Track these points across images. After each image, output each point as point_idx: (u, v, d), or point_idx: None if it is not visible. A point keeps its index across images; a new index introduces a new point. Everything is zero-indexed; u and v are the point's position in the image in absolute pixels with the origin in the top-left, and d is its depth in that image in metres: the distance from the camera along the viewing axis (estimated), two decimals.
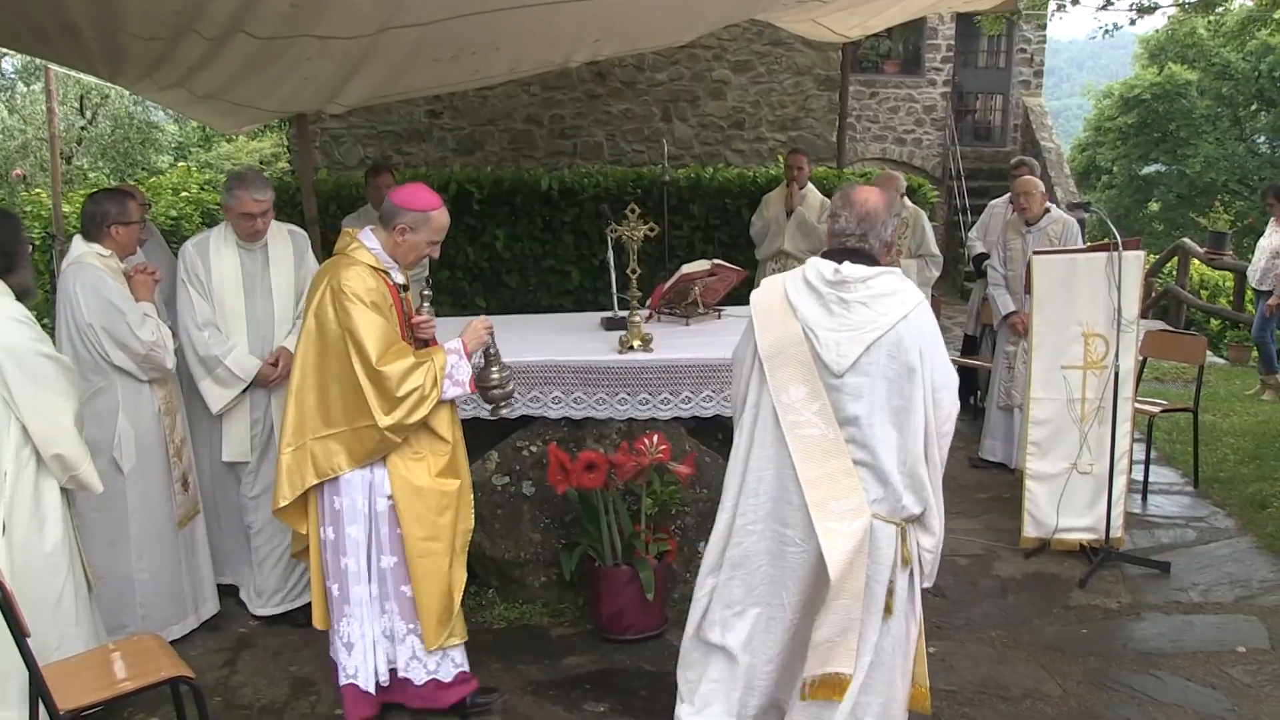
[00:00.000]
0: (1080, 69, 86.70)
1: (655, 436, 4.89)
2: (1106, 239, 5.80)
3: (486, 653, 4.86)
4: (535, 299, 10.15)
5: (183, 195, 12.02)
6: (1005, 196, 8.09)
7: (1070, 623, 5.27)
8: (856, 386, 3.32)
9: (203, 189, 12.78)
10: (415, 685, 4.27)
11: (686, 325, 5.94)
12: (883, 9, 8.07)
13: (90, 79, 15.26)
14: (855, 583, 3.30)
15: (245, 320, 5.09)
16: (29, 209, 11.16)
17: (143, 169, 21.57)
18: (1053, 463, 6.02)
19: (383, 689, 4.26)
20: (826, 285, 3.39)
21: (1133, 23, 17.36)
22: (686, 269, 5.97)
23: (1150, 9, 15.10)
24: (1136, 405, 6.26)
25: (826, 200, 8.32)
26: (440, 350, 4.14)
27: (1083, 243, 6.99)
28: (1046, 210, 7.08)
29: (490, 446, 5.35)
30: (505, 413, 4.46)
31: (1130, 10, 15.68)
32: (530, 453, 5.28)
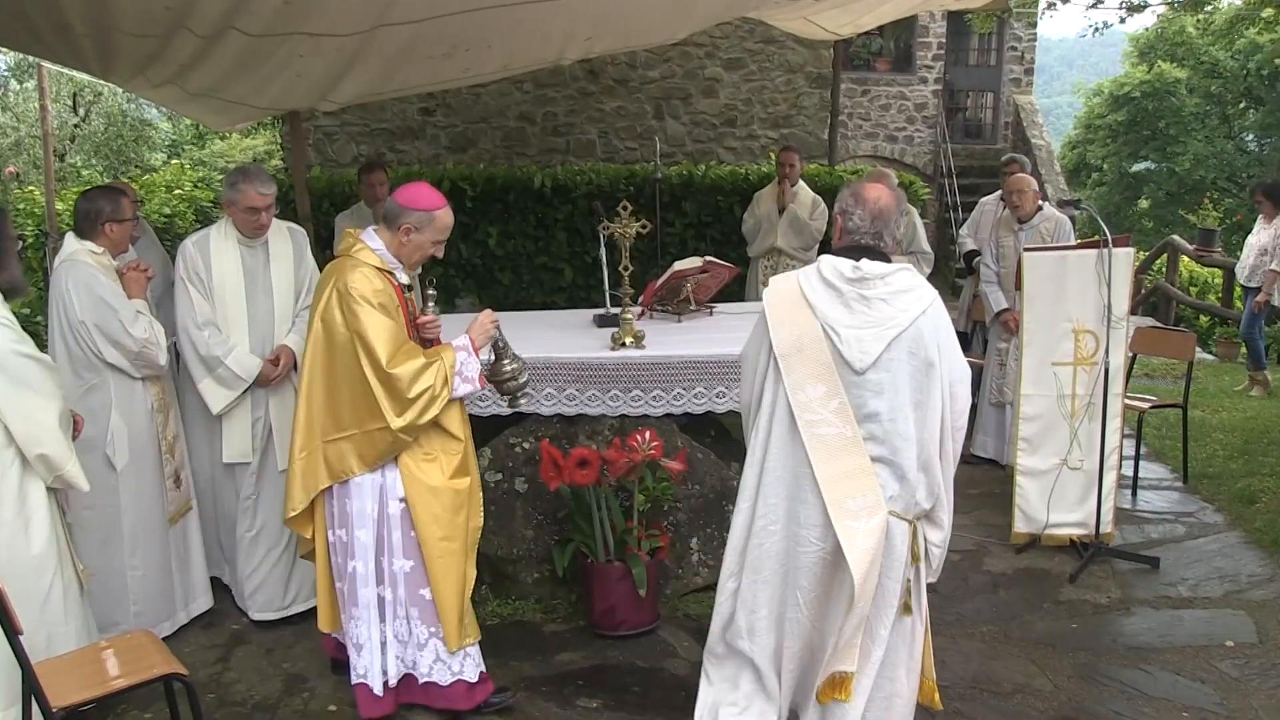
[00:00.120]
0: (1071, 67, 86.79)
1: (647, 433, 4.90)
2: (1097, 236, 5.82)
3: (480, 649, 4.85)
4: (528, 296, 10.16)
5: (176, 193, 11.99)
6: (996, 194, 8.10)
7: (1060, 618, 5.29)
8: (878, 383, 3.31)
9: (196, 186, 12.75)
10: (441, 687, 4.23)
11: (679, 322, 5.95)
12: (874, 6, 8.10)
13: (83, 76, 15.26)
14: (871, 583, 3.30)
15: (246, 319, 5.04)
16: (22, 206, 11.12)
17: (136, 166, 21.46)
18: (1043, 459, 6.04)
19: (395, 689, 4.24)
20: (846, 283, 3.35)
21: (1122, 21, 17.34)
22: (679, 266, 5.98)
23: (1140, 7, 15.14)
24: (1126, 401, 6.28)
25: (818, 198, 8.36)
26: (449, 348, 4.11)
27: (1074, 240, 7.01)
28: (1039, 208, 7.08)
29: (483, 443, 5.34)
30: (523, 404, 4.45)
31: (1120, 8, 15.72)
32: (523, 449, 5.29)
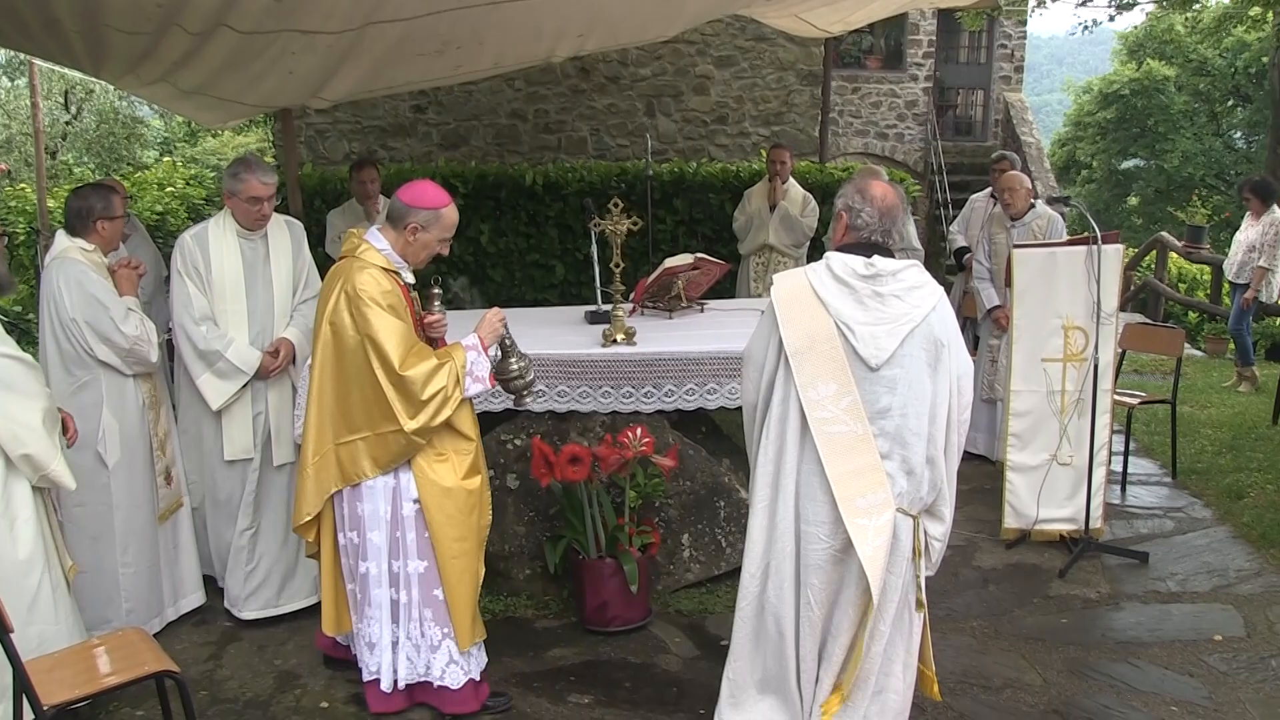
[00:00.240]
0: (1060, 65, 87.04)
1: (639, 429, 4.91)
2: (1086, 233, 5.83)
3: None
4: (520, 293, 10.16)
5: (168, 190, 12.00)
6: (986, 190, 8.12)
7: (1050, 613, 5.31)
8: (891, 379, 3.31)
9: (188, 184, 12.76)
10: (452, 691, 4.22)
11: (669, 319, 5.95)
12: (864, 4, 8.10)
13: (75, 74, 15.22)
14: (883, 581, 3.31)
15: (246, 312, 4.96)
16: (13, 204, 11.13)
17: (128, 164, 21.46)
18: (1033, 454, 6.06)
19: (406, 688, 4.24)
20: (860, 279, 3.34)
21: (1112, 19, 17.48)
22: (670, 263, 5.99)
23: (1129, 5, 15.22)
24: (1115, 397, 6.29)
25: (808, 195, 8.37)
26: (459, 348, 4.07)
27: (1065, 238, 7.01)
28: (1032, 206, 7.08)
29: None
30: (529, 402, 4.42)
31: (1109, 6, 15.80)
32: (514, 446, 5.30)
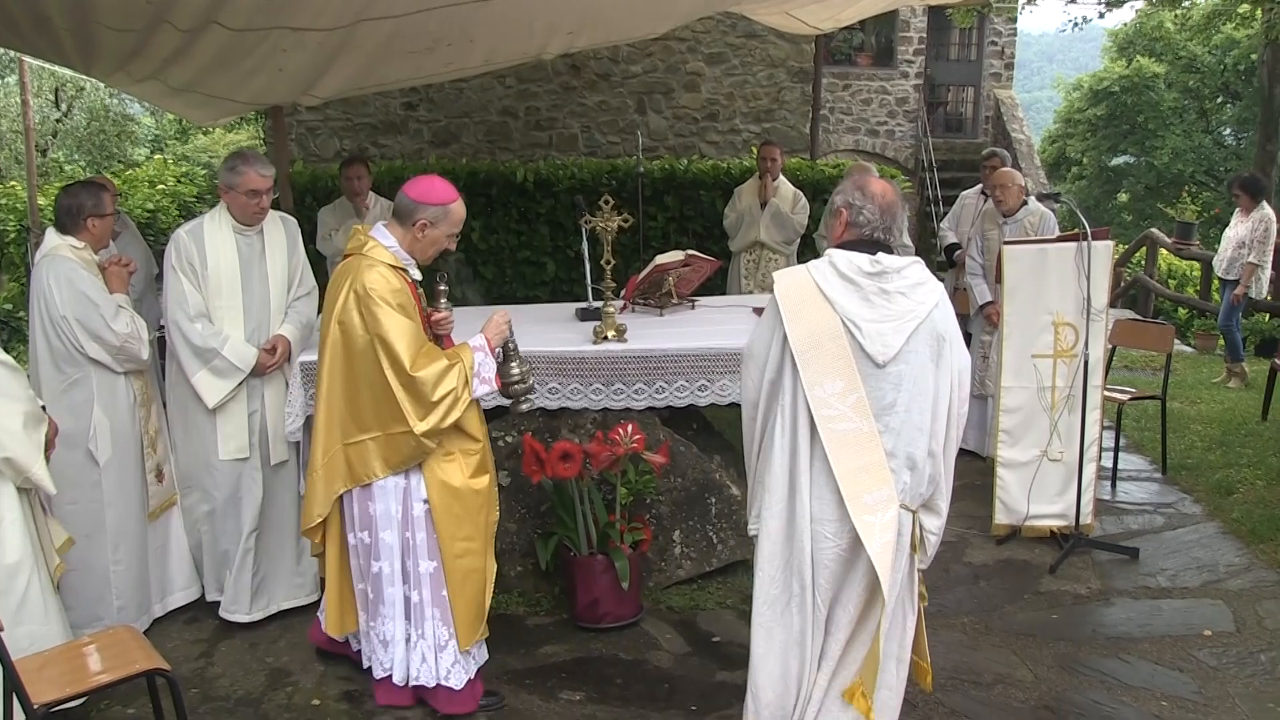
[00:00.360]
0: (1050, 62, 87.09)
1: (630, 426, 4.92)
2: (1076, 229, 5.85)
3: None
4: (511, 290, 10.14)
5: (159, 188, 11.98)
6: (977, 187, 8.14)
7: (1041, 608, 5.33)
8: (897, 375, 3.31)
9: (179, 181, 12.74)
10: (454, 692, 4.21)
11: (660, 316, 5.95)
12: (854, 1, 8.11)
13: (65, 71, 15.18)
14: (892, 576, 3.32)
15: (242, 308, 4.90)
16: (4, 202, 11.10)
17: (119, 161, 21.43)
18: (1023, 450, 6.07)
19: (414, 686, 4.24)
20: (865, 277, 3.33)
21: (1101, 16, 17.47)
22: (660, 260, 5.99)
23: (1119, 2, 15.25)
24: (1106, 393, 6.32)
25: (798, 192, 8.38)
26: (466, 348, 4.05)
27: (1057, 234, 7.02)
28: (1024, 202, 7.08)
29: None
30: (525, 408, 4.40)
31: (1099, 3, 15.82)
32: (505, 443, 5.29)
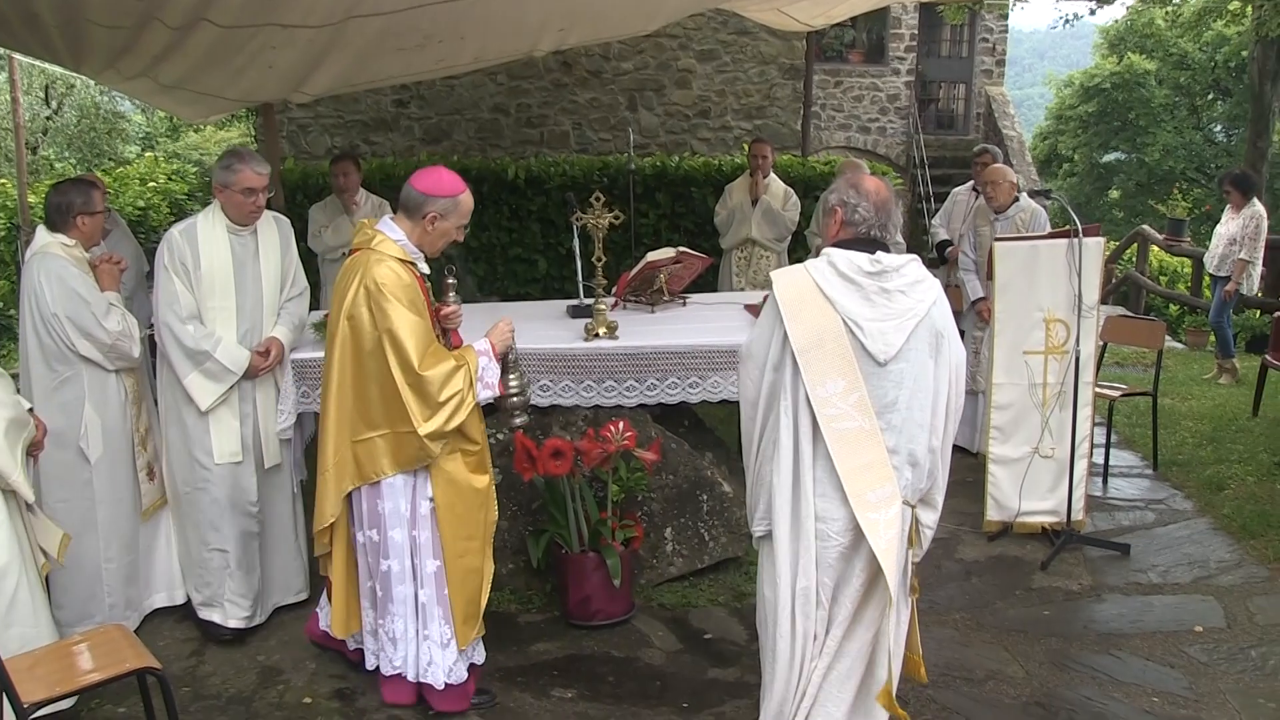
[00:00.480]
0: (1042, 58, 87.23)
1: (621, 423, 4.92)
2: (1067, 226, 5.85)
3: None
4: (502, 287, 10.14)
5: (150, 185, 11.95)
6: (969, 184, 8.14)
7: (1032, 605, 5.34)
8: (899, 373, 3.32)
9: (170, 179, 12.72)
10: (456, 688, 4.20)
11: (652, 313, 5.95)
12: None
13: (55, 68, 15.12)
14: (897, 574, 3.34)
15: (235, 310, 4.80)
16: None
17: (109, 159, 21.39)
18: (1015, 447, 6.08)
19: (421, 684, 4.23)
20: (866, 276, 3.32)
21: (1092, 13, 17.51)
22: (652, 257, 5.99)
23: None
24: (1097, 390, 6.32)
25: (789, 189, 8.37)
26: (471, 351, 4.02)
27: (1049, 230, 7.02)
28: (1015, 199, 7.08)
29: None
30: (518, 422, 4.36)
31: (1090, 0, 15.84)
32: (497, 440, 5.28)
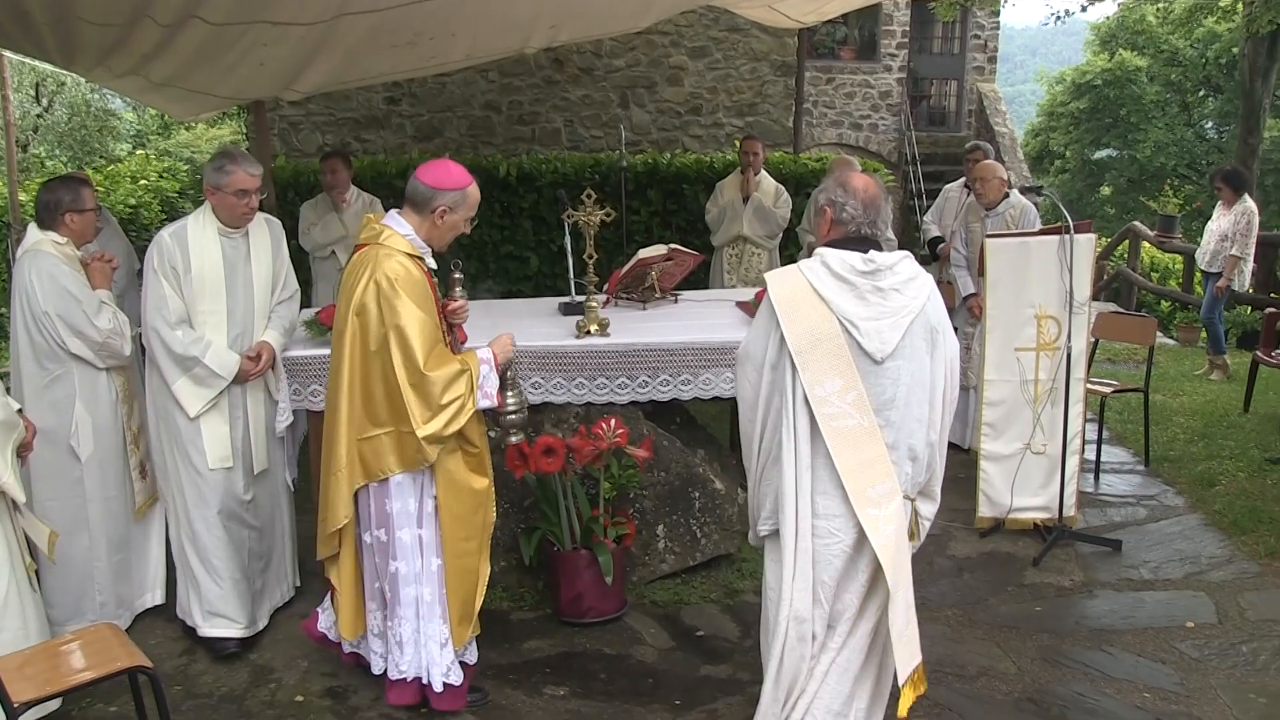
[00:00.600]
0: (1033, 55, 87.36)
1: (613, 420, 4.91)
2: (1059, 223, 5.86)
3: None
4: (494, 285, 10.13)
5: (141, 183, 11.92)
6: (960, 180, 8.15)
7: (1024, 601, 5.35)
8: (895, 370, 3.33)
9: (162, 177, 12.69)
10: (455, 687, 4.18)
11: (643, 310, 5.95)
12: None
13: (45, 66, 15.06)
14: (907, 565, 3.36)
15: (225, 313, 4.71)
16: None
17: (101, 157, 21.32)
18: (1007, 443, 6.08)
19: (421, 685, 4.21)
20: (859, 275, 3.33)
21: (1084, 9, 17.52)
22: (643, 254, 5.99)
23: None
24: (1088, 386, 6.33)
25: (780, 186, 8.37)
26: (474, 357, 3.99)
27: (1040, 227, 7.03)
28: (1006, 195, 7.09)
29: None
30: (514, 440, 4.32)
31: None
32: (490, 437, 5.27)
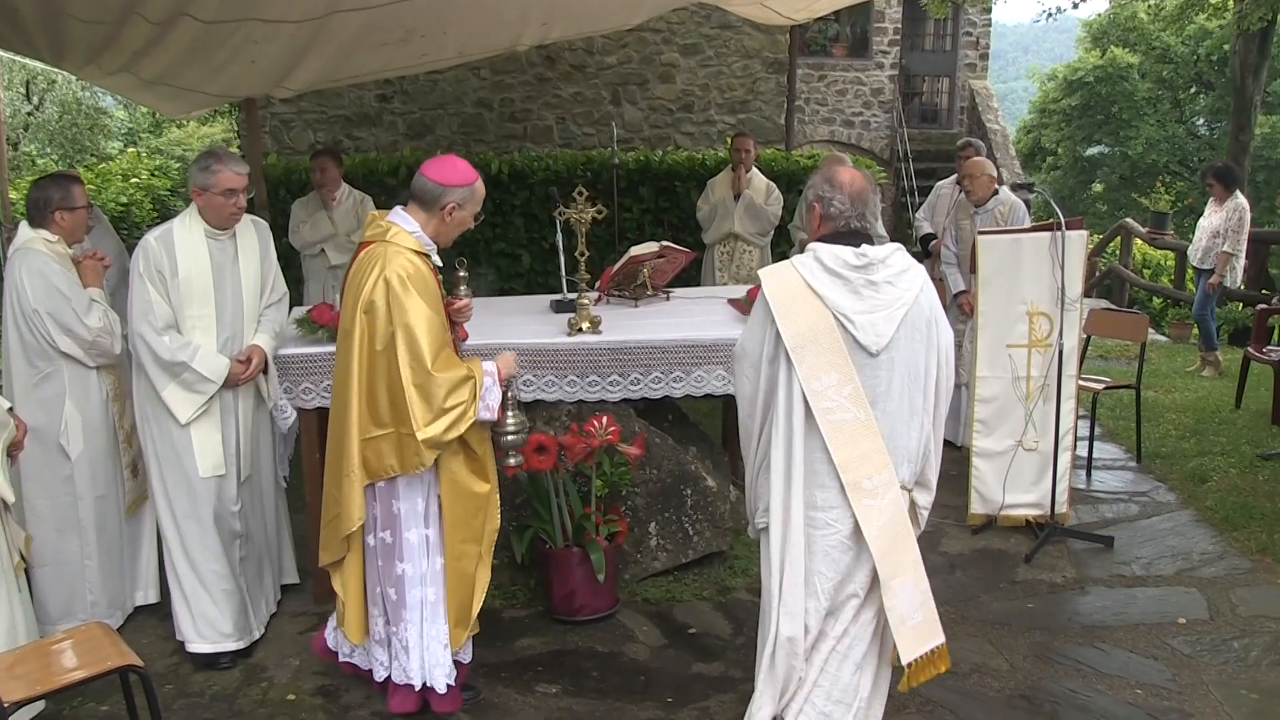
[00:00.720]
0: (1025, 52, 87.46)
1: (605, 418, 4.90)
2: (1051, 219, 5.86)
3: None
4: (485, 283, 10.12)
5: (133, 181, 11.87)
6: (952, 177, 8.14)
7: (1017, 597, 5.35)
8: (890, 362, 3.34)
9: (153, 175, 12.63)
10: (453, 687, 4.17)
11: (635, 307, 5.94)
12: None
13: (36, 64, 14.99)
14: (910, 553, 3.40)
15: (214, 317, 4.60)
16: None
17: (92, 155, 21.27)
18: (999, 440, 6.09)
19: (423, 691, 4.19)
20: (852, 270, 3.34)
21: (1076, 6, 17.56)
22: (635, 251, 5.98)
23: None
24: (1080, 382, 6.34)
25: (772, 184, 8.37)
26: (479, 365, 3.93)
27: (1029, 223, 7.05)
28: (995, 192, 7.10)
29: None
30: (512, 462, 4.23)
31: None
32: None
